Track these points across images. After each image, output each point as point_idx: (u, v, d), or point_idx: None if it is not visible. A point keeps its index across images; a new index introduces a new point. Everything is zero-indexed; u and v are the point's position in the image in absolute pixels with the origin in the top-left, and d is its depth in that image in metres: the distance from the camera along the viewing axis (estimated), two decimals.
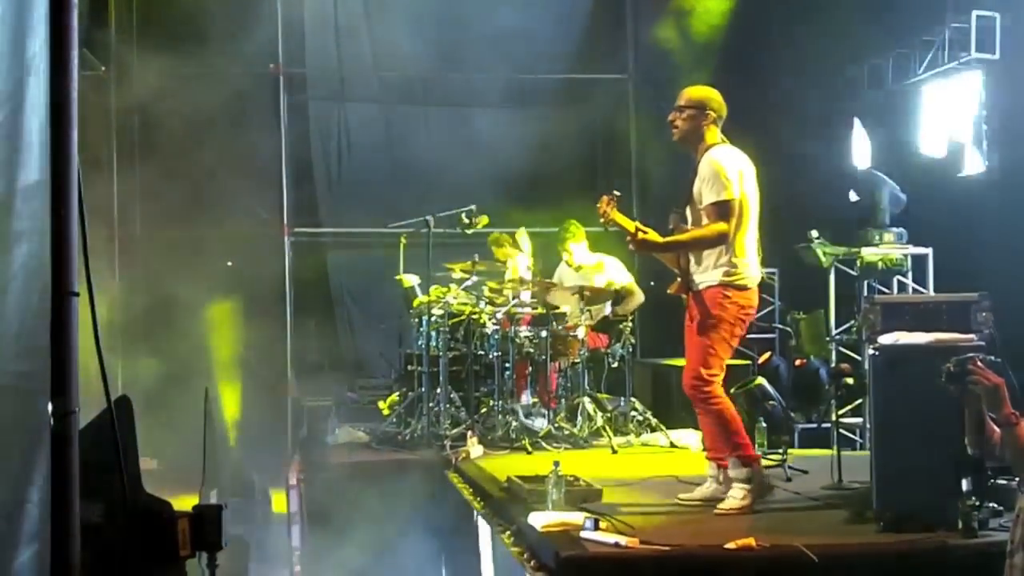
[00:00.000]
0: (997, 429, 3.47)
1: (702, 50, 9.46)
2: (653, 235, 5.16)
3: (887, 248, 8.50)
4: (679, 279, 5.30)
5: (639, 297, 8.65)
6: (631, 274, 8.68)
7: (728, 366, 8.20)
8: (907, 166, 8.80)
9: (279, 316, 10.86)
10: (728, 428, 5.17)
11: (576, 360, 7.97)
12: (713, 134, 5.23)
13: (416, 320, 8.29)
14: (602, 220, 5.26)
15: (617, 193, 5.29)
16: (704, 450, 5.53)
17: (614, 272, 8.58)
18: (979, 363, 3.47)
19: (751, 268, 5.15)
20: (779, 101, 8.87)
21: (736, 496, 5.09)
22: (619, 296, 8.48)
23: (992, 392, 3.37)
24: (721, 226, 5.03)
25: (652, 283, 8.44)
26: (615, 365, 8.17)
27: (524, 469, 5.95)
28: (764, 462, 6.41)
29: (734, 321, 5.14)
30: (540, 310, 8.17)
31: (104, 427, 2.66)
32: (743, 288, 5.13)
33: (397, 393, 8.68)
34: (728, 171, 5.06)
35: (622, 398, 8.14)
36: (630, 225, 5.21)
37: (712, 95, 5.28)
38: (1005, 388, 3.40)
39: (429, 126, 11.42)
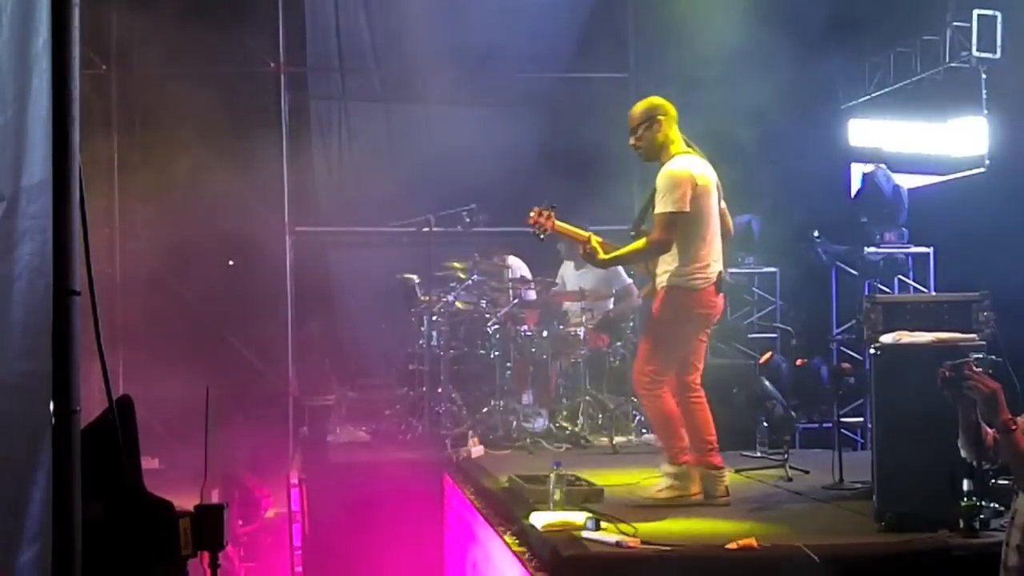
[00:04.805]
0: (990, 432, 3.46)
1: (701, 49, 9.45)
2: (597, 248, 5.31)
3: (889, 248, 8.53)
4: (652, 283, 5.47)
5: (634, 300, 8.70)
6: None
7: (730, 365, 8.23)
8: (908, 164, 8.80)
9: (280, 315, 10.85)
10: (664, 427, 5.35)
11: (577, 359, 7.98)
12: (673, 141, 5.36)
13: (417, 319, 8.28)
14: (536, 230, 5.43)
15: (553, 206, 5.46)
16: None
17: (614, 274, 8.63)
18: (974, 368, 3.44)
19: (706, 270, 5.26)
20: (780, 99, 8.86)
21: (656, 487, 5.30)
22: (616, 297, 8.54)
23: (990, 398, 3.35)
24: (661, 237, 5.19)
25: None
26: (616, 364, 8.18)
27: (525, 468, 5.96)
28: (766, 462, 6.45)
29: (680, 321, 5.29)
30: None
31: (106, 426, 2.66)
32: (693, 290, 5.24)
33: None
34: (678, 184, 5.17)
35: (623, 397, 8.14)
36: (582, 234, 5.40)
37: (652, 102, 5.44)
38: (1002, 393, 3.38)
39: (429, 125, 11.41)
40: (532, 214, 5.42)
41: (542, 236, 5.48)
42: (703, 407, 5.36)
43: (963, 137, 8.14)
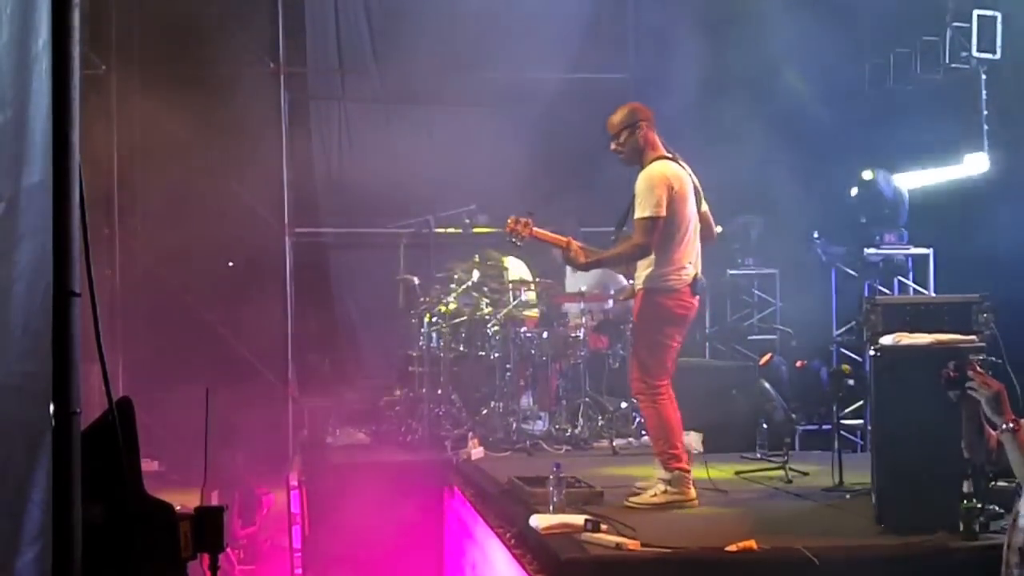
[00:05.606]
0: (994, 433, 3.45)
1: (701, 49, 9.45)
2: (578, 252, 5.46)
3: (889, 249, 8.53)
4: (631, 286, 5.62)
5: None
6: None
7: (729, 367, 8.23)
8: (908, 166, 8.80)
9: (280, 316, 10.84)
10: (661, 433, 5.36)
11: (577, 361, 7.97)
12: (653, 146, 5.46)
13: (417, 320, 8.28)
14: (513, 240, 5.59)
15: (531, 213, 5.62)
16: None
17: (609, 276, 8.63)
18: (978, 368, 3.44)
19: (681, 272, 5.35)
20: (780, 100, 8.86)
21: (650, 492, 5.30)
22: (615, 297, 8.55)
23: (993, 398, 3.35)
24: (640, 241, 5.29)
25: None
26: (616, 366, 8.17)
27: (525, 470, 5.96)
28: (765, 464, 6.46)
29: (660, 322, 5.37)
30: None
31: (106, 428, 2.65)
32: (669, 291, 5.34)
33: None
34: (656, 188, 5.27)
35: (623, 399, 8.13)
36: (561, 239, 5.54)
37: (631, 108, 5.56)
38: (1005, 393, 3.37)
39: (429, 125, 11.41)
40: (509, 222, 5.56)
41: (519, 244, 5.65)
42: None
43: (962, 137, 8.13)
